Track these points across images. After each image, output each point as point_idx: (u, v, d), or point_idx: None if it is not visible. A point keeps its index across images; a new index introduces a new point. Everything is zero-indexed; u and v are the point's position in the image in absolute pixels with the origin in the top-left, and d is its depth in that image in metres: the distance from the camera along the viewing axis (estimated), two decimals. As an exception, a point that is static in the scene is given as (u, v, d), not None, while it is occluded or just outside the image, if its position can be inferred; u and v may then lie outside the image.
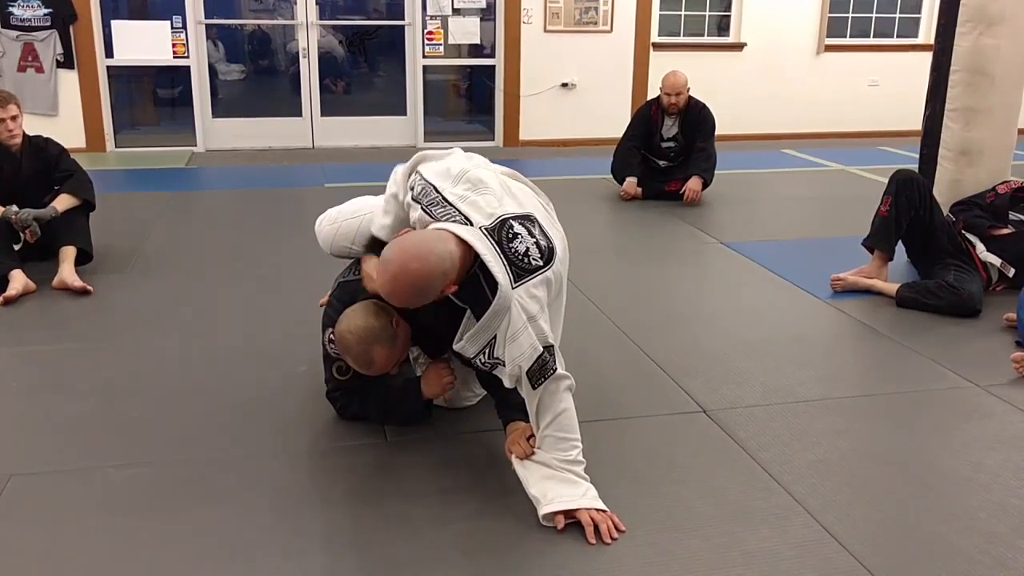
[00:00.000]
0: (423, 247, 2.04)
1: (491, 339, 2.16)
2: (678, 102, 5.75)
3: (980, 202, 4.09)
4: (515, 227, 2.16)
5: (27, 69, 6.99)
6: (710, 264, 4.57)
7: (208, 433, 2.68)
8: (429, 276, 2.03)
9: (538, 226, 2.24)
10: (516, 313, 2.12)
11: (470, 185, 2.20)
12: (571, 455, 2.25)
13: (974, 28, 4.14)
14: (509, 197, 2.27)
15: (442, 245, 2.06)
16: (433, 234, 2.10)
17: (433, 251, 2.04)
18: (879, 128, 8.54)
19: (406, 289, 2.05)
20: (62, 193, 4.17)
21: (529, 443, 2.30)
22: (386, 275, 2.04)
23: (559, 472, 2.23)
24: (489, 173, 2.33)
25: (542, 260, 2.18)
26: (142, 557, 2.08)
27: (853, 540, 2.17)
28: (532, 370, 2.17)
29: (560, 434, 2.25)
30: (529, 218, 2.23)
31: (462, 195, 2.16)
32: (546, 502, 2.19)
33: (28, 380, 3.09)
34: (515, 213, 2.21)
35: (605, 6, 7.81)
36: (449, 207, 2.16)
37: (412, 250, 2.03)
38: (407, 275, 2.02)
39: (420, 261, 2.02)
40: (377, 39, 8.15)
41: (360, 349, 2.36)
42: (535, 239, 2.19)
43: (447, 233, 2.09)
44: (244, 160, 7.28)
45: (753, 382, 3.08)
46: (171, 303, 3.84)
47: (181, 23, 7.27)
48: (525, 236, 2.16)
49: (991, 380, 3.10)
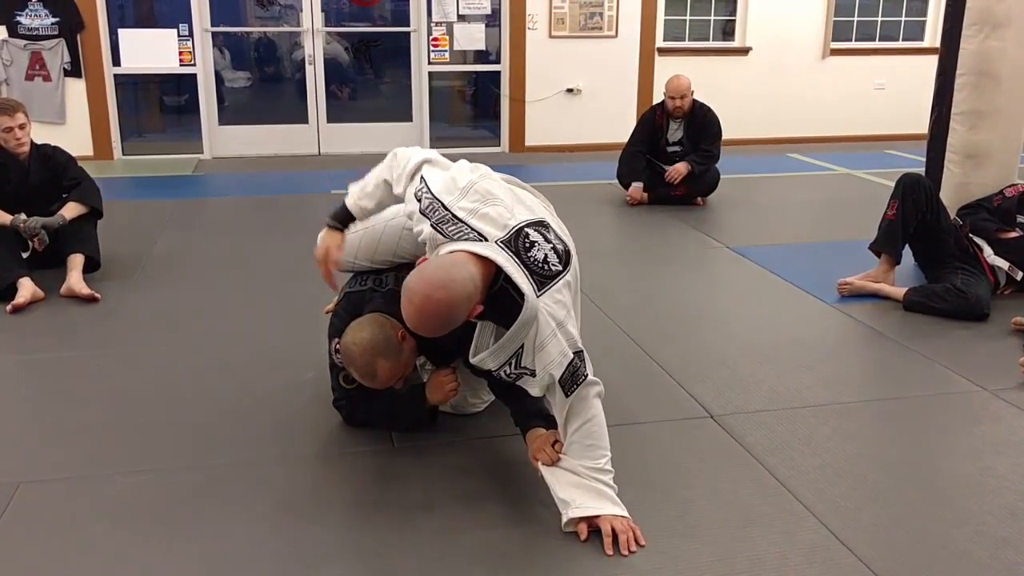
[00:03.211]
0: (444, 275, 1.99)
1: (517, 350, 2.13)
2: (682, 105, 5.75)
3: (987, 205, 4.08)
4: (531, 235, 2.14)
5: (35, 78, 7.03)
6: (716, 268, 4.57)
7: (216, 440, 2.69)
8: (454, 304, 1.99)
9: (552, 231, 2.22)
10: (544, 321, 2.11)
11: (478, 197, 2.16)
12: (599, 463, 2.24)
13: (980, 31, 4.13)
14: (520, 205, 2.25)
15: (462, 269, 2.02)
16: (451, 259, 2.05)
17: (455, 277, 2.00)
18: (885, 132, 8.53)
19: (433, 319, 2.00)
20: (70, 201, 4.19)
21: (555, 449, 2.28)
22: (411, 307, 2.00)
23: (587, 480, 2.22)
24: (496, 183, 2.31)
25: (561, 264, 2.16)
26: (150, 564, 2.09)
27: (861, 545, 2.16)
28: (564, 378, 2.16)
29: (588, 441, 2.24)
30: (543, 224, 2.21)
31: (472, 208, 2.12)
32: (574, 507, 2.18)
33: (36, 387, 3.10)
34: (528, 220, 2.19)
35: (610, 11, 7.82)
36: (460, 224, 2.11)
37: (434, 280, 1.98)
38: (432, 305, 1.97)
39: (444, 290, 1.97)
40: (382, 46, 8.17)
41: (364, 362, 2.36)
42: (551, 244, 2.17)
43: (464, 255, 2.05)
44: (250, 167, 7.30)
45: (760, 387, 3.07)
46: (178, 310, 3.85)
47: (187, 31, 7.30)
48: (542, 243, 2.14)
49: (999, 384, 3.09)
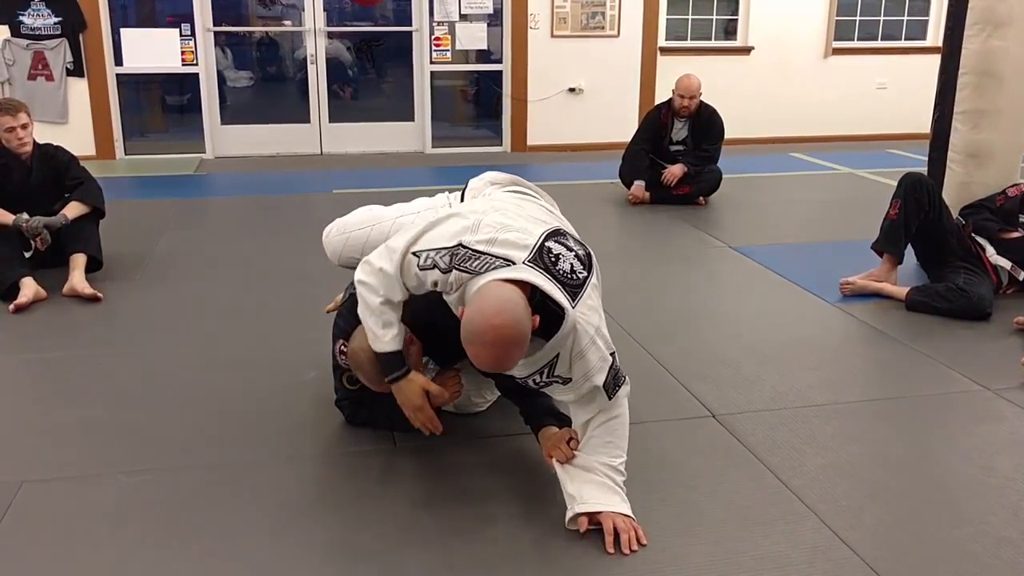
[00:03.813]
0: (494, 303, 1.96)
1: (552, 360, 2.13)
2: (690, 105, 5.75)
3: (990, 205, 4.07)
4: (553, 248, 2.11)
5: (37, 77, 7.03)
6: (718, 268, 4.57)
7: (218, 439, 2.69)
8: (518, 323, 1.95)
9: (570, 237, 2.21)
10: (582, 330, 2.10)
11: (491, 229, 2.11)
12: (615, 462, 2.24)
13: (982, 30, 4.12)
14: (532, 222, 2.21)
15: (505, 292, 1.99)
16: (488, 289, 2.01)
17: (505, 299, 1.97)
18: (887, 131, 8.52)
19: (506, 347, 1.95)
20: (72, 201, 4.19)
21: (570, 446, 2.28)
22: (482, 347, 1.95)
23: (599, 477, 2.22)
24: (499, 204, 2.28)
25: (585, 270, 2.15)
26: (152, 564, 2.09)
27: (864, 545, 2.16)
28: (607, 382, 2.17)
29: (608, 437, 2.24)
30: (559, 232, 2.19)
31: (489, 239, 2.08)
32: (579, 502, 2.19)
33: (39, 387, 3.11)
34: (546, 231, 2.16)
35: (612, 11, 7.82)
36: (483, 256, 2.07)
37: (488, 311, 1.94)
38: (500, 334, 1.93)
39: (502, 315, 1.93)
40: (384, 45, 8.17)
41: (371, 367, 2.36)
42: (573, 251, 2.16)
43: (496, 282, 2.02)
44: (253, 166, 7.31)
45: (762, 386, 3.07)
46: (181, 310, 3.85)
47: (190, 31, 7.31)
48: (565, 253, 2.13)
49: (1002, 384, 3.09)
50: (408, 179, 6.80)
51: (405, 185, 6.46)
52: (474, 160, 7.58)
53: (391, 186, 6.41)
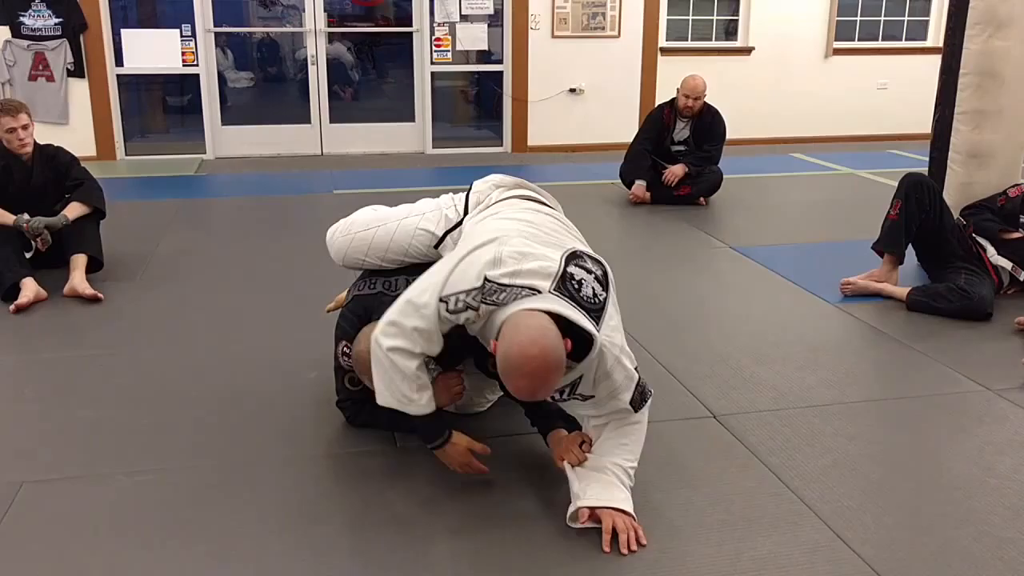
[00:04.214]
0: (528, 333, 1.97)
1: (575, 379, 2.16)
2: (694, 106, 5.76)
3: (991, 206, 4.07)
4: (575, 274, 2.13)
5: (38, 78, 7.04)
6: (719, 268, 4.56)
7: (218, 439, 2.69)
8: (554, 349, 1.97)
9: (586, 257, 2.21)
10: (606, 351, 2.13)
11: (514, 260, 2.11)
12: (626, 464, 2.27)
13: (983, 30, 4.12)
14: (549, 246, 2.21)
15: (537, 320, 2.00)
16: (519, 320, 2.01)
17: (538, 329, 1.98)
18: (888, 131, 8.52)
19: (544, 375, 1.98)
20: (73, 201, 4.19)
21: (582, 449, 2.31)
22: (521, 379, 1.97)
23: (607, 475, 2.24)
24: (515, 223, 2.27)
25: (604, 290, 2.17)
26: (153, 564, 2.09)
27: (865, 545, 2.16)
28: (634, 399, 2.23)
29: (624, 440, 2.28)
30: (577, 255, 2.19)
31: (513, 272, 2.08)
32: (583, 498, 2.20)
33: (39, 387, 3.11)
34: (565, 254, 2.17)
35: (613, 11, 7.82)
36: (508, 288, 2.07)
37: (525, 342, 1.95)
38: (538, 363, 1.95)
39: (539, 345, 1.95)
40: (385, 46, 8.17)
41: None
42: (592, 273, 2.17)
43: (526, 312, 2.03)
44: (253, 167, 7.31)
45: (763, 387, 3.07)
46: (181, 310, 3.85)
47: (190, 31, 7.31)
48: (585, 277, 2.14)
49: (1003, 384, 3.09)
50: (409, 180, 6.81)
51: (406, 186, 6.46)
52: (474, 161, 7.59)
53: (392, 187, 6.41)
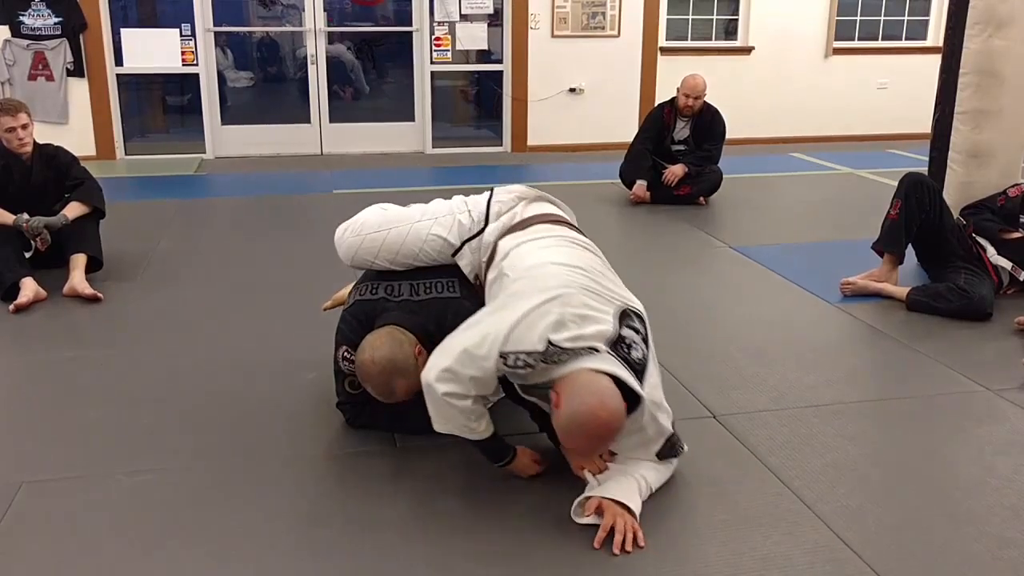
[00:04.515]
0: (597, 395, 2.05)
1: None
2: (694, 105, 5.76)
3: (991, 205, 4.07)
4: (626, 337, 2.19)
5: (37, 78, 7.03)
6: (719, 268, 4.56)
7: (218, 440, 2.69)
8: (620, 414, 2.08)
9: (636, 317, 2.27)
10: (644, 407, 2.20)
11: (575, 324, 2.15)
12: (648, 478, 2.31)
13: (983, 30, 4.12)
14: (602, 302, 2.24)
15: (601, 382, 2.08)
16: (583, 380, 2.08)
17: (605, 390, 2.06)
18: (888, 131, 8.51)
19: (608, 437, 2.11)
20: (72, 201, 4.19)
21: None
22: (585, 438, 2.08)
23: (625, 478, 2.27)
24: (574, 278, 2.28)
25: (647, 348, 2.25)
26: (152, 565, 2.09)
27: (865, 545, 2.16)
28: (662, 450, 2.32)
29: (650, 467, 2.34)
30: (626, 314, 2.24)
31: (576, 336, 2.12)
32: (592, 489, 2.24)
33: (39, 387, 3.10)
34: (618, 313, 2.21)
35: (612, 11, 7.82)
36: (569, 352, 2.12)
37: (595, 404, 2.03)
38: (607, 425, 2.06)
39: (608, 407, 2.05)
40: (385, 45, 8.17)
41: (383, 380, 2.36)
42: (641, 334, 2.24)
43: (589, 372, 2.09)
44: (253, 167, 7.31)
45: (763, 387, 3.07)
46: (181, 310, 3.85)
47: (190, 31, 7.30)
48: (635, 339, 2.22)
49: (1003, 384, 3.08)
50: (408, 179, 6.80)
51: (406, 185, 6.46)
52: (474, 160, 7.59)
53: (391, 186, 6.40)
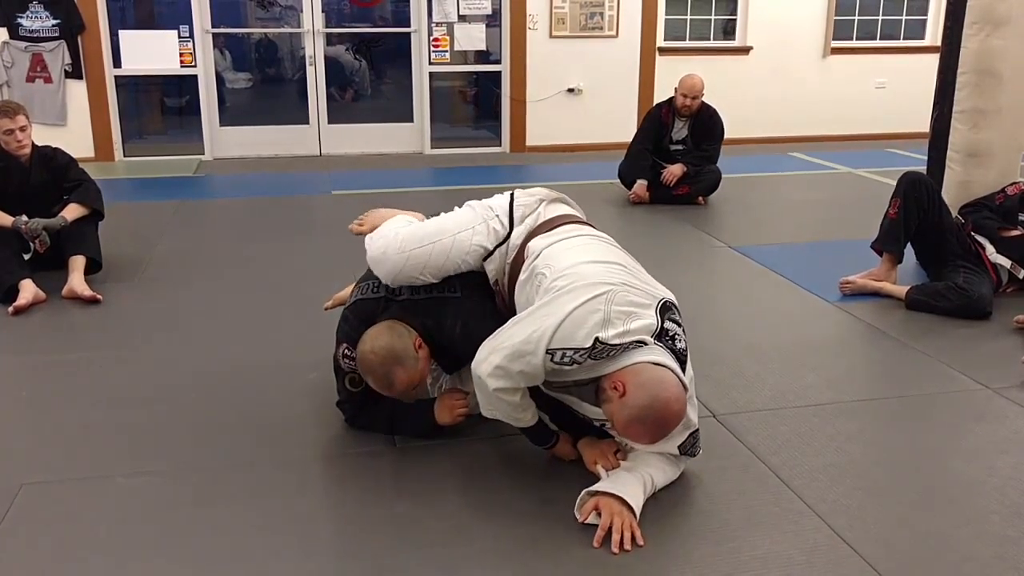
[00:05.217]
0: (672, 388, 2.10)
1: None
2: (692, 105, 5.76)
3: (989, 204, 4.07)
4: (669, 329, 2.22)
5: (35, 79, 7.03)
6: (718, 268, 4.56)
7: (218, 440, 2.69)
8: (683, 396, 2.13)
9: (675, 309, 2.29)
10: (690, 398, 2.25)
11: (621, 320, 2.15)
12: (655, 477, 2.33)
13: (981, 29, 4.12)
14: (644, 297, 2.25)
15: (662, 374, 2.11)
16: (647, 372, 2.11)
17: (670, 382, 2.10)
18: (886, 130, 8.52)
19: (673, 427, 2.15)
20: (71, 203, 4.19)
21: (616, 457, 2.36)
22: (655, 426, 2.11)
23: (632, 475, 2.29)
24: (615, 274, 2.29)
25: (686, 336, 2.28)
26: (152, 566, 2.09)
27: (865, 544, 2.16)
28: (685, 444, 2.33)
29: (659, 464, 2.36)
30: (667, 306, 2.26)
31: (623, 331, 2.14)
32: (599, 485, 2.25)
33: (38, 389, 3.10)
34: (658, 306, 2.23)
35: (611, 11, 7.82)
36: (617, 347, 2.14)
37: (671, 397, 2.09)
38: (676, 416, 2.12)
39: (681, 401, 2.11)
40: (383, 46, 8.17)
41: (383, 371, 2.37)
42: (680, 325, 2.27)
43: (648, 364, 2.13)
44: (252, 168, 7.31)
45: (762, 386, 3.07)
46: (180, 311, 3.85)
47: (188, 32, 7.30)
48: (678, 331, 2.24)
49: (1002, 382, 3.09)
50: (407, 180, 6.80)
51: (404, 186, 6.46)
52: (473, 161, 7.59)
53: (390, 187, 6.41)
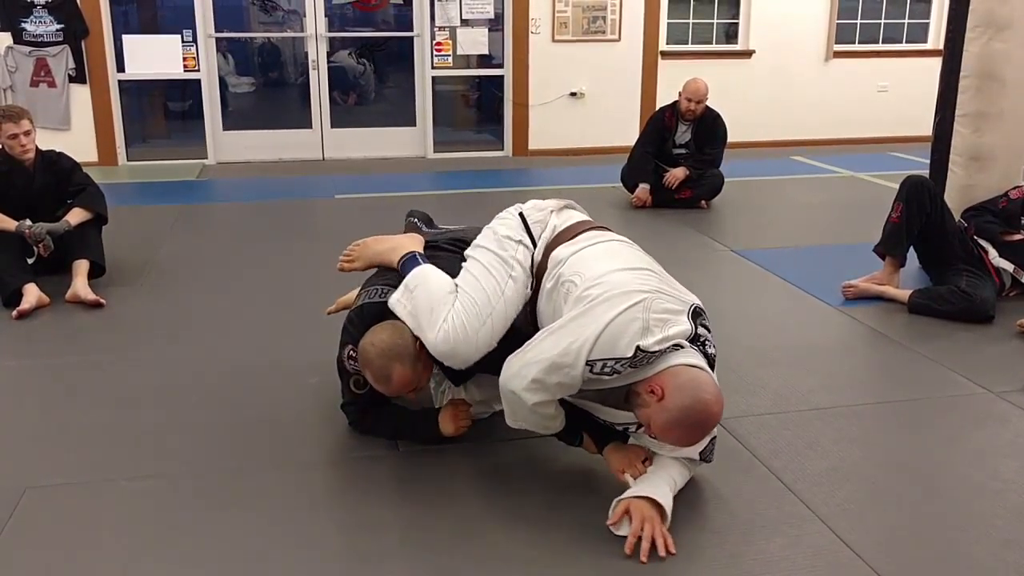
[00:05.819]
0: (712, 390, 2.10)
1: None
2: (696, 109, 5.77)
3: (992, 207, 4.07)
4: (701, 334, 2.23)
5: (39, 84, 7.05)
6: (721, 272, 4.57)
7: (220, 444, 2.69)
8: (719, 395, 2.12)
9: (704, 314, 2.29)
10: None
11: (659, 327, 2.15)
12: (677, 479, 2.33)
13: (983, 33, 4.13)
14: (676, 302, 2.24)
15: (702, 376, 2.12)
16: (687, 375, 2.11)
17: (712, 384, 2.12)
18: (889, 134, 8.52)
19: (715, 419, 2.13)
20: (75, 207, 4.20)
21: (644, 465, 2.35)
22: (697, 428, 2.11)
23: (659, 478, 2.29)
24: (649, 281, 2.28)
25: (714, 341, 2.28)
26: (156, 568, 2.09)
27: (867, 548, 2.16)
28: (705, 451, 2.33)
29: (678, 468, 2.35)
30: (697, 312, 2.26)
31: (662, 338, 2.13)
32: (630, 491, 2.26)
33: (41, 393, 3.11)
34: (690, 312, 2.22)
35: (613, 15, 7.83)
36: (656, 354, 2.13)
37: (711, 400, 2.08)
38: (716, 419, 2.12)
39: (721, 403, 2.11)
40: (386, 50, 8.18)
41: (381, 364, 2.37)
42: (710, 331, 2.28)
43: (686, 367, 2.13)
44: (255, 172, 7.31)
45: (765, 390, 3.07)
46: (183, 315, 3.85)
47: (192, 37, 7.32)
48: (708, 337, 2.25)
49: (1005, 386, 3.08)
50: (410, 184, 6.81)
51: (407, 190, 6.46)
52: (476, 165, 7.60)
53: (393, 191, 6.41)
